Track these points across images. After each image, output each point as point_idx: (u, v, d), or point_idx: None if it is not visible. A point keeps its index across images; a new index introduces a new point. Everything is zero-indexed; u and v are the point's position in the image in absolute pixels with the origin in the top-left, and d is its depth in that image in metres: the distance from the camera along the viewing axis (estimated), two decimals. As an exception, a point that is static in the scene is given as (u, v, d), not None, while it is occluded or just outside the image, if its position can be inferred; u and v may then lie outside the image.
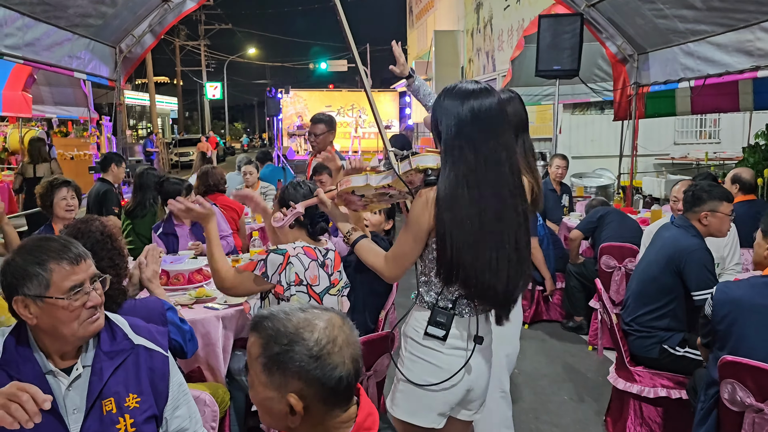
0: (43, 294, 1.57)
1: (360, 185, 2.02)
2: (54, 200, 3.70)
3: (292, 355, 1.20)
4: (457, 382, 1.95)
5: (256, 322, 1.26)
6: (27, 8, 4.43)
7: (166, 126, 35.25)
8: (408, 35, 29.81)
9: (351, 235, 2.11)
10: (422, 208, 1.88)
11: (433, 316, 1.93)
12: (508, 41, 15.09)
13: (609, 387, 3.89)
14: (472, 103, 1.86)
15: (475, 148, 1.84)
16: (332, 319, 1.25)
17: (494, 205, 1.85)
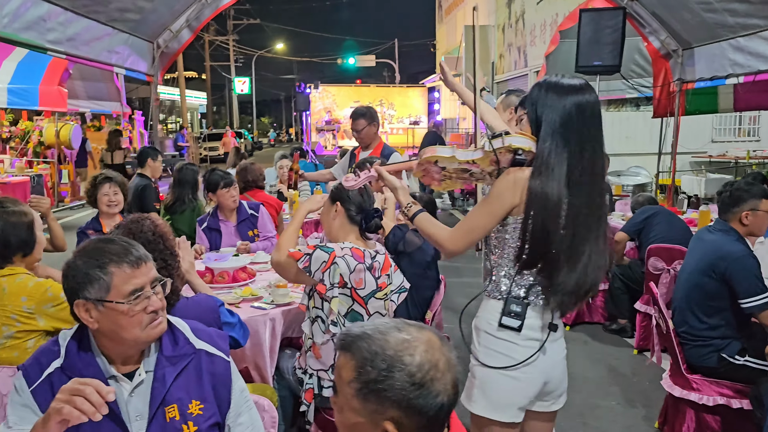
0: (103, 298, 1.52)
1: (445, 156, 1.99)
2: (98, 195, 3.75)
3: (392, 382, 1.08)
4: (535, 374, 1.94)
5: (349, 342, 1.14)
6: (69, 3, 4.44)
7: (194, 120, 35.62)
8: (437, 30, 29.62)
9: (411, 208, 2.12)
10: (509, 186, 1.90)
11: (507, 306, 1.93)
12: (541, 36, 14.87)
13: (658, 392, 3.78)
14: (577, 97, 1.90)
15: (578, 141, 1.88)
16: (431, 341, 1.13)
17: (588, 199, 1.89)
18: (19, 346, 2.30)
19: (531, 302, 1.93)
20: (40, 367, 1.56)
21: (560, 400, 2.10)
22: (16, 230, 2.40)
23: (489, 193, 1.96)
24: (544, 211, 1.85)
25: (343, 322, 2.50)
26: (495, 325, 1.94)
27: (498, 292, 1.97)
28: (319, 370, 2.57)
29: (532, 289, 1.93)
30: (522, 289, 1.94)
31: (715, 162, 11.97)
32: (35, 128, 13.17)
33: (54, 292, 2.33)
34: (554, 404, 2.08)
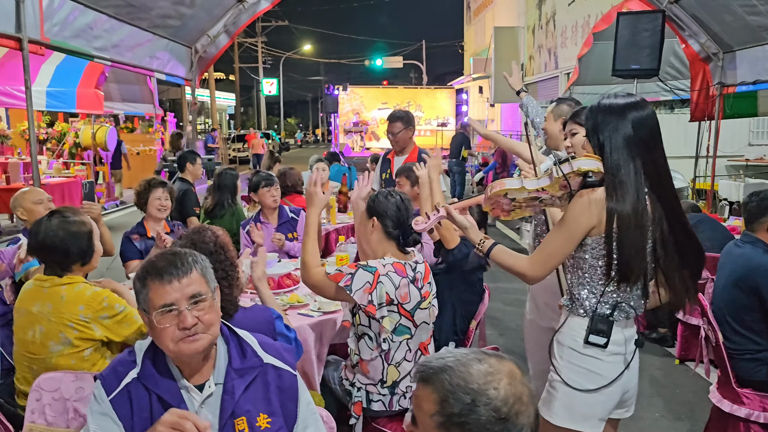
0: (145, 309, 1.59)
1: (514, 188, 2.03)
2: (149, 199, 3.80)
3: (476, 417, 1.06)
4: (617, 387, 2.01)
5: (429, 374, 1.12)
6: (114, 10, 4.53)
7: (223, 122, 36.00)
8: (465, 31, 29.52)
9: (484, 243, 2.15)
10: (584, 208, 1.93)
11: (594, 324, 1.98)
12: (572, 38, 14.71)
13: (702, 404, 3.73)
14: (634, 114, 1.94)
15: (643, 156, 1.92)
16: (513, 372, 1.12)
17: (665, 210, 1.94)
18: (77, 354, 2.34)
19: (616, 318, 1.98)
20: (118, 377, 1.60)
21: (632, 408, 2.17)
22: (77, 240, 2.45)
23: (564, 218, 1.99)
24: (630, 228, 1.89)
25: (392, 338, 2.49)
26: (581, 341, 2.00)
27: (582, 309, 2.02)
28: (368, 384, 2.56)
29: (618, 306, 1.98)
30: (607, 307, 1.98)
31: (753, 166, 11.71)
32: (71, 130, 13.46)
33: (110, 303, 2.38)
34: (627, 411, 2.16)
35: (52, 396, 2.10)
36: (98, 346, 2.39)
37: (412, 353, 2.57)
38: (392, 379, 2.54)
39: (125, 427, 1.56)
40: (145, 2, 4.74)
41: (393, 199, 2.57)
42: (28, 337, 2.39)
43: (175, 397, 1.57)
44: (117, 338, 2.41)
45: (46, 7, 3.69)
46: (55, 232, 2.41)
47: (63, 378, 2.12)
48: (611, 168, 1.92)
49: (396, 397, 2.56)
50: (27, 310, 2.40)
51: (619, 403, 2.08)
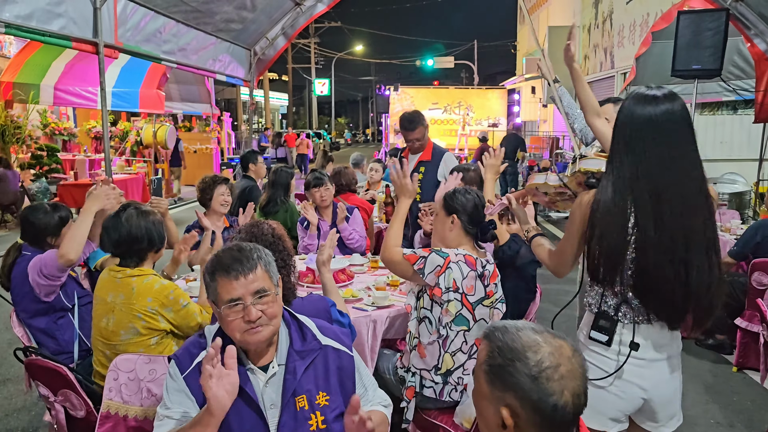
0: (214, 301, 1.72)
1: (540, 183, 2.18)
2: (214, 195, 3.97)
3: (512, 371, 1.20)
4: (626, 388, 1.98)
5: (490, 331, 1.29)
6: (182, 16, 4.74)
7: (276, 121, 36.67)
8: (518, 31, 29.23)
9: (529, 232, 2.32)
10: (576, 206, 2.00)
11: (596, 321, 2.00)
12: (629, 37, 14.40)
13: (761, 413, 3.65)
14: (650, 109, 1.86)
15: (646, 153, 1.84)
16: (562, 348, 1.23)
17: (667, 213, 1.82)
18: (144, 342, 2.50)
19: (620, 319, 1.96)
20: (191, 357, 1.74)
21: (671, 423, 2.07)
22: (157, 227, 2.63)
23: (569, 217, 2.07)
24: (606, 231, 1.87)
25: (450, 326, 2.57)
26: (587, 336, 2.03)
27: (591, 306, 2.05)
28: (422, 369, 2.65)
29: (621, 307, 1.95)
30: (610, 306, 1.97)
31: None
32: (132, 128, 14.02)
33: (175, 297, 2.52)
34: (665, 427, 2.07)
35: (127, 376, 2.25)
36: (163, 335, 2.54)
37: (468, 346, 2.63)
38: (447, 367, 2.61)
39: (197, 401, 1.69)
40: (211, 7, 4.94)
41: (470, 196, 2.71)
42: (102, 324, 2.55)
43: (241, 377, 1.68)
44: (179, 330, 2.56)
45: (120, 13, 3.91)
46: (137, 222, 2.57)
47: (138, 360, 2.27)
48: (608, 166, 1.92)
49: (448, 387, 2.62)
50: (102, 299, 2.57)
51: (647, 413, 2.03)
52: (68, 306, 3.02)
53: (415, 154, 4.54)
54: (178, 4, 4.60)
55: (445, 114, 23.29)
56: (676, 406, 2.07)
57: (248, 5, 5.51)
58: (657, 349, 1.96)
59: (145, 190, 11.54)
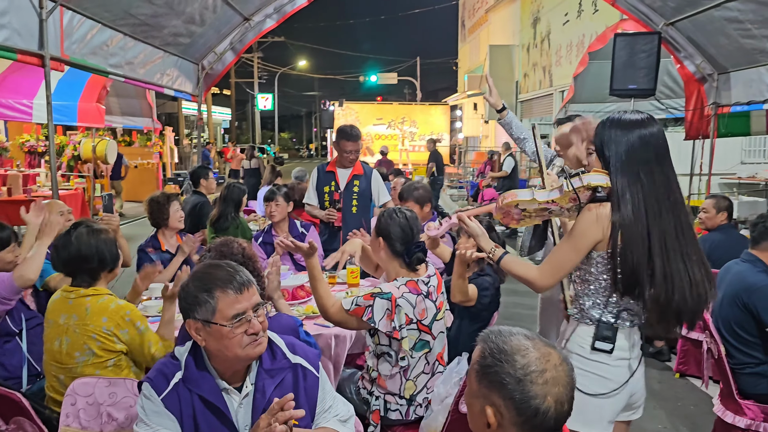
0: (209, 320, 1.67)
1: (526, 199, 2.13)
2: (170, 213, 3.88)
3: (499, 371, 1.26)
4: (624, 391, 2.10)
5: (486, 334, 1.35)
6: (130, 29, 4.65)
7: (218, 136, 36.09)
8: (459, 49, 29.88)
9: (495, 252, 2.28)
10: (592, 222, 2.03)
11: (599, 332, 2.08)
12: (567, 56, 14.95)
13: (704, 417, 3.82)
14: (640, 131, 2.02)
15: (647, 172, 1.99)
16: (550, 355, 1.29)
17: (672, 225, 2.00)
18: (101, 364, 2.42)
19: (620, 326, 2.08)
20: (166, 378, 1.70)
21: (640, 410, 2.26)
22: (108, 246, 2.54)
23: (572, 230, 2.08)
24: (632, 244, 1.97)
25: (411, 354, 2.58)
26: (588, 348, 2.10)
27: (588, 318, 2.12)
28: (386, 394, 2.64)
29: (621, 314, 2.08)
30: (611, 315, 2.08)
31: (745, 184, 11.91)
32: (69, 143, 13.50)
33: (132, 318, 2.45)
34: (635, 414, 2.26)
35: (86, 401, 2.18)
36: (120, 356, 2.46)
37: (430, 366, 2.66)
38: (410, 392, 2.62)
39: (178, 421, 1.67)
40: (159, 21, 4.85)
41: (398, 219, 2.65)
42: (55, 348, 2.46)
43: (217, 398, 1.68)
44: (130, 355, 2.48)
45: (66, 25, 3.80)
46: (87, 240, 2.49)
47: (97, 383, 2.20)
48: (615, 183, 2.01)
49: (413, 407, 2.64)
50: (54, 321, 2.47)
51: (627, 406, 2.18)
52: (15, 330, 2.89)
53: (346, 168, 4.58)
54: (125, 17, 4.50)
55: (389, 129, 23.51)
56: (644, 394, 2.25)
57: (197, 19, 5.45)
58: (637, 347, 2.15)
59: (84, 206, 11.12)
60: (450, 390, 2.53)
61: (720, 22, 5.61)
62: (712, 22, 5.77)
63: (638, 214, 1.97)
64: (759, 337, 3.01)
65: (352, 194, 4.56)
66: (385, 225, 2.63)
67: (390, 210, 2.71)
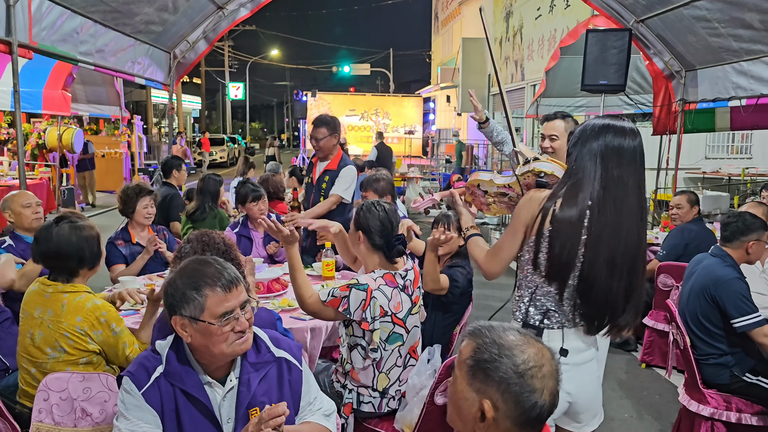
0: (197, 317, 1.66)
1: (485, 180, 2.18)
2: (137, 207, 3.82)
3: (498, 365, 1.27)
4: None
5: (476, 329, 1.35)
6: (100, 16, 4.55)
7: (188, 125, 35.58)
8: (433, 41, 29.92)
9: (468, 231, 2.31)
10: (525, 203, 2.03)
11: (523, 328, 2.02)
12: (539, 51, 15.10)
13: (669, 406, 3.93)
14: (610, 139, 1.97)
15: (603, 178, 1.95)
16: (544, 351, 1.32)
17: (614, 231, 1.94)
18: (73, 362, 2.37)
19: (546, 326, 2.03)
20: (147, 372, 1.69)
21: (594, 422, 2.17)
22: (89, 244, 2.49)
23: (512, 216, 2.10)
24: (561, 234, 1.95)
25: (384, 346, 2.60)
26: None
27: (519, 313, 2.10)
28: (359, 387, 2.66)
29: (548, 314, 2.03)
30: (538, 313, 2.05)
31: (709, 178, 12.22)
32: (33, 131, 13.17)
33: (107, 320, 2.41)
34: (587, 426, 2.16)
35: (59, 396, 2.15)
36: (93, 356, 2.42)
37: (403, 358, 2.68)
38: (382, 385, 2.64)
39: (159, 415, 1.67)
40: (131, 8, 4.76)
41: (377, 212, 2.64)
42: (27, 340, 2.41)
43: (200, 392, 1.67)
44: (110, 354, 2.44)
45: (34, 11, 3.71)
46: (68, 237, 2.44)
47: (71, 378, 2.17)
48: (569, 176, 1.99)
49: (386, 399, 2.66)
50: (30, 313, 2.43)
51: (571, 414, 2.10)
52: (-17, 324, 2.83)
53: (323, 161, 4.54)
54: (96, 3, 4.40)
55: (362, 121, 23.46)
56: (598, 405, 2.18)
57: (169, 7, 5.36)
58: (580, 353, 2.06)
59: (50, 196, 10.88)
60: (424, 382, 2.56)
61: (689, 20, 5.73)
62: (681, 20, 5.89)
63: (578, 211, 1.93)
64: (723, 329, 3.11)
65: (320, 189, 4.47)
66: (365, 218, 2.63)
67: (369, 203, 2.71)
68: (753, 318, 3.00)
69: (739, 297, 3.04)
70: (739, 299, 3.03)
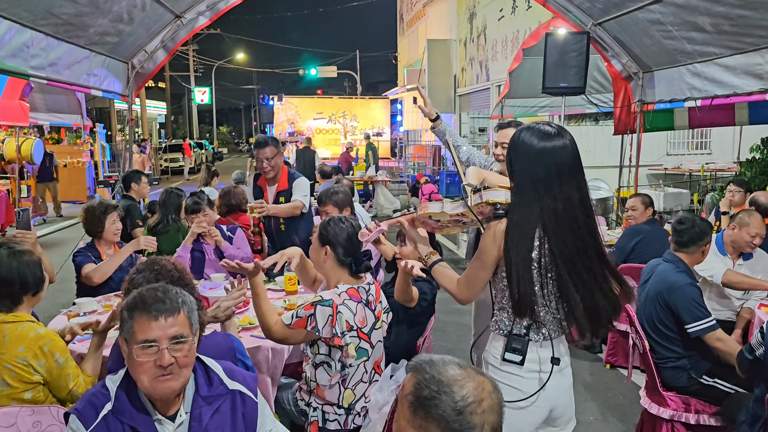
0: (127, 339, 1.65)
1: (436, 212, 2.18)
2: (106, 226, 3.76)
3: (438, 403, 1.24)
4: (539, 403, 2.06)
5: (417, 364, 1.32)
6: (52, 29, 4.44)
7: (153, 131, 35.02)
8: (398, 42, 29.95)
9: (429, 259, 2.28)
10: (491, 241, 2.02)
11: (509, 344, 2.06)
12: (503, 52, 15.23)
13: (633, 407, 4.00)
14: (545, 144, 1.96)
15: (547, 188, 1.94)
16: (484, 384, 1.30)
17: (571, 240, 1.96)
18: (17, 395, 2.27)
19: (531, 338, 2.06)
20: (95, 410, 1.65)
21: (569, 426, 2.23)
22: (32, 269, 2.41)
23: (479, 247, 2.08)
24: (519, 258, 1.95)
25: (351, 363, 2.59)
26: (499, 359, 2.08)
27: (501, 329, 2.11)
28: (324, 404, 2.65)
29: (532, 327, 2.05)
30: (522, 327, 2.06)
31: (670, 175, 12.48)
32: (-10, 142, 12.83)
33: (51, 350, 2.31)
34: (563, 430, 2.21)
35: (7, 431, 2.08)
36: (38, 387, 2.32)
37: (368, 374, 2.68)
38: (348, 401, 2.63)
39: None
40: (84, 20, 4.65)
41: (344, 226, 2.64)
42: (-32, 374, 2.32)
43: (149, 429, 1.63)
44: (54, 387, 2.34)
45: (-19, 26, 3.60)
46: (9, 263, 2.36)
47: (19, 412, 2.11)
48: (514, 199, 2.00)
49: (351, 416, 2.65)
50: None
51: (549, 420, 2.14)
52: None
53: (271, 185, 4.51)
54: (47, 16, 4.29)
55: (330, 123, 23.41)
56: (572, 410, 2.22)
57: (125, 18, 5.25)
58: (563, 358, 2.10)
59: (9, 209, 10.61)
60: (387, 398, 2.56)
61: (644, 23, 5.83)
62: (636, 24, 5.99)
63: (529, 232, 1.94)
64: (678, 333, 3.16)
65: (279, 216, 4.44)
66: (333, 233, 2.61)
67: (335, 218, 2.71)
68: (706, 323, 3.06)
69: (691, 302, 3.09)
70: (692, 305, 3.09)
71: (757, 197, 4.57)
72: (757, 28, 4.74)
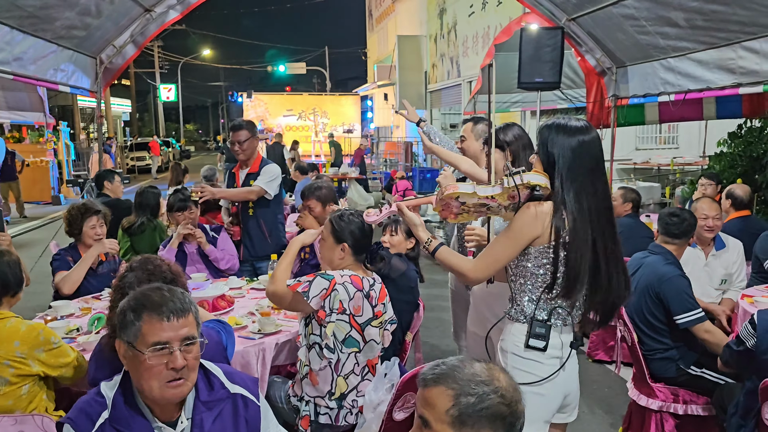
0: (132, 342, 1.56)
1: (467, 192, 2.11)
2: (83, 228, 3.63)
3: (489, 404, 1.20)
4: (557, 389, 2.11)
5: (439, 375, 1.24)
6: (16, 22, 4.26)
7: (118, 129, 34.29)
8: (368, 39, 29.86)
9: (431, 243, 2.26)
10: (531, 219, 2.06)
11: (533, 329, 2.09)
12: (473, 47, 15.29)
13: (619, 399, 4.02)
14: (582, 137, 2.09)
15: (588, 177, 2.08)
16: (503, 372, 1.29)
17: (604, 227, 2.08)
18: (14, 392, 2.25)
19: (553, 324, 2.10)
20: (90, 419, 1.57)
21: (574, 413, 2.29)
22: (12, 269, 2.39)
23: (510, 226, 2.10)
24: (579, 251, 2.02)
25: (341, 348, 2.56)
26: (521, 346, 2.11)
27: (523, 315, 2.14)
28: (316, 396, 2.62)
29: (554, 312, 2.10)
30: (544, 312, 2.11)
31: (640, 169, 12.68)
32: (-54, 141, 12.39)
33: (45, 336, 2.31)
34: (570, 416, 2.27)
35: (-12, 443, 1.98)
36: (36, 381, 2.32)
37: (360, 368, 2.64)
38: (341, 390, 2.60)
39: None
40: (50, 13, 4.48)
41: (356, 221, 2.67)
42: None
43: None
44: (53, 372, 2.34)
45: (-58, 18, 3.42)
46: None
47: (2, 422, 2.01)
48: (563, 190, 2.06)
49: (343, 411, 2.62)
50: None
51: (562, 407, 2.20)
52: None
53: (243, 169, 4.51)
54: (11, 8, 4.11)
55: (300, 120, 23.22)
56: (578, 394, 2.28)
57: (92, 11, 5.07)
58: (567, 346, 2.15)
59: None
60: (382, 397, 2.52)
61: (618, 18, 5.88)
62: (610, 19, 6.04)
63: (585, 222, 2.03)
64: (668, 325, 3.18)
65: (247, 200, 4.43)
66: (347, 229, 2.65)
67: (342, 213, 2.73)
68: (695, 314, 3.09)
69: (682, 293, 3.12)
70: (682, 296, 3.12)
71: (733, 190, 4.64)
72: (730, 23, 4.81)
